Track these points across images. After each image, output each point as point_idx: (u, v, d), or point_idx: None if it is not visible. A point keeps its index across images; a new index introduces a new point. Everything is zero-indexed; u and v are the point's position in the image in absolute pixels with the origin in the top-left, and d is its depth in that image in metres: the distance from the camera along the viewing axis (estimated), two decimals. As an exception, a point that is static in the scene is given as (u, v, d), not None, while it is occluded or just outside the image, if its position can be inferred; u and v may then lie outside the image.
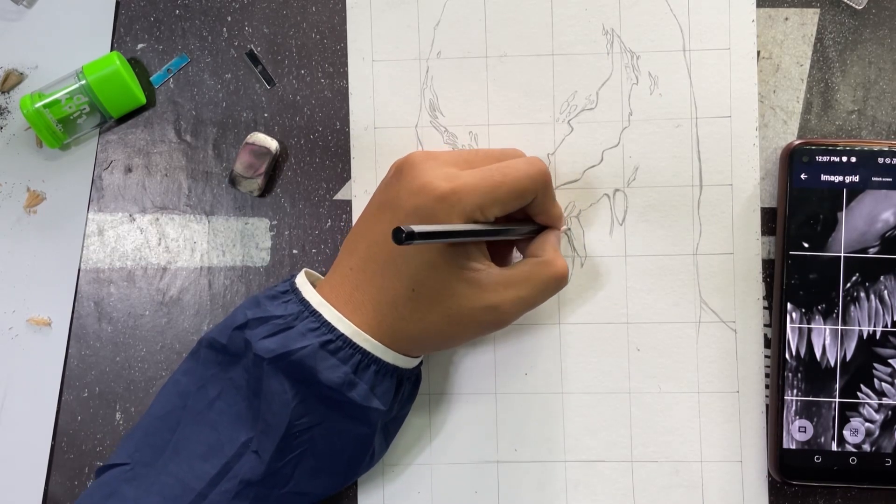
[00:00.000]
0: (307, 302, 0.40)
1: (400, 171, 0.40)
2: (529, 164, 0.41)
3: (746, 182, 0.47)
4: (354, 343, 0.39)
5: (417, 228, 0.35)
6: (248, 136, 0.48)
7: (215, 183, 0.49)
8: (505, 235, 0.42)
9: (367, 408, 0.40)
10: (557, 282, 0.42)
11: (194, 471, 0.39)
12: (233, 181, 0.48)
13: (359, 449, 0.42)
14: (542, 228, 0.44)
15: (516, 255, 0.46)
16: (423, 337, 0.40)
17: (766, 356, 0.46)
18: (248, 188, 0.48)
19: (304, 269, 0.42)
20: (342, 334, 0.39)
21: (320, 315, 0.39)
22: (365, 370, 0.39)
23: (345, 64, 0.48)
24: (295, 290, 0.41)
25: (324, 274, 0.44)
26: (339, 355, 0.39)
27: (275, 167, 0.48)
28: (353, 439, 0.41)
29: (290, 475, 0.40)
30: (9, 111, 0.50)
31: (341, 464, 0.42)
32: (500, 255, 0.45)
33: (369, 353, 0.39)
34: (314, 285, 0.41)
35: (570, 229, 0.47)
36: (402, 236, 0.34)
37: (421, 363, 0.44)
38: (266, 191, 0.48)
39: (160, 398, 0.42)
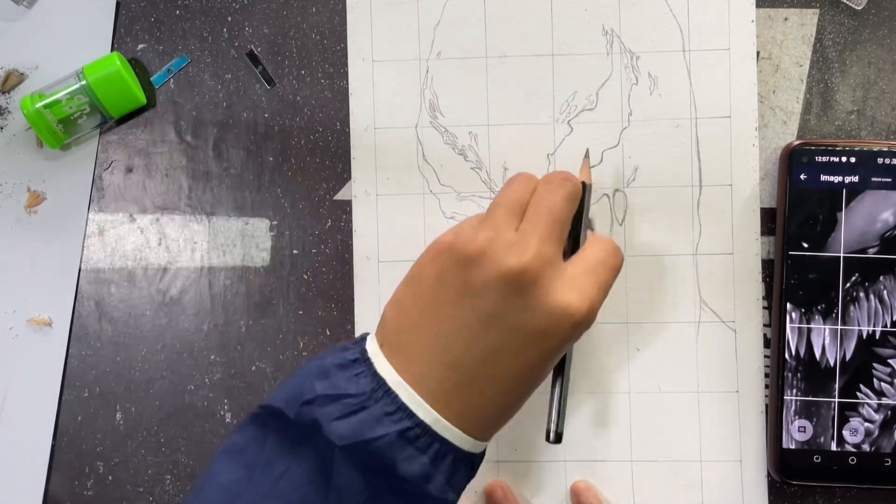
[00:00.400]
0: (381, 379, 0.37)
1: (520, 288, 0.37)
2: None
3: (746, 182, 0.47)
4: (434, 431, 0.36)
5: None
6: None
7: (215, 183, 0.49)
8: None
9: (442, 500, 0.37)
10: (611, 254, 0.40)
11: None
12: None
13: None
14: None
15: None
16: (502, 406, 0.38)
17: (765, 356, 0.46)
18: None
19: (370, 334, 0.39)
20: (421, 421, 0.36)
21: (396, 396, 0.36)
22: (443, 460, 0.36)
23: (345, 64, 0.48)
24: (367, 361, 0.37)
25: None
26: (418, 444, 0.36)
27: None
28: None
29: None
30: (9, 111, 0.50)
31: None
32: None
33: (448, 441, 0.36)
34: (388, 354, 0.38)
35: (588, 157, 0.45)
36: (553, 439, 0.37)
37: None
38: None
39: (223, 463, 0.39)
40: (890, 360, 0.44)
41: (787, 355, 0.45)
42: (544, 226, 0.38)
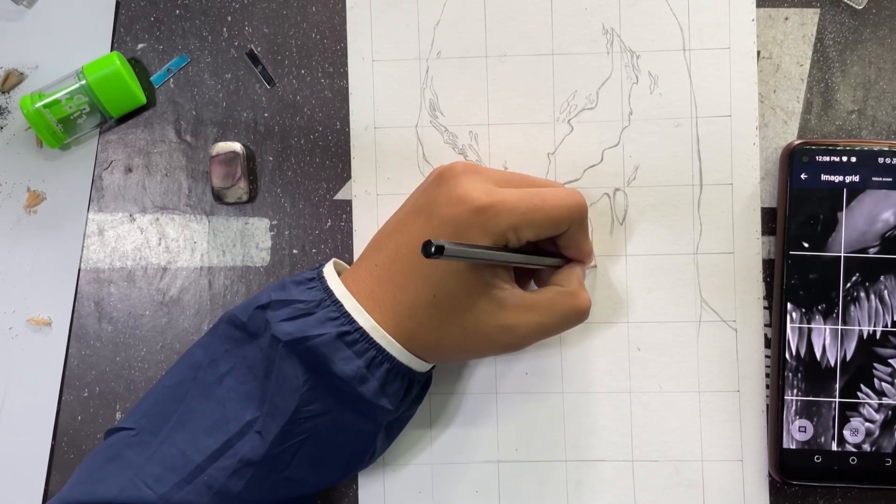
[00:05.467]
0: (330, 290, 0.40)
1: (440, 178, 0.40)
2: (569, 195, 0.41)
3: (746, 182, 0.47)
4: (371, 338, 0.39)
5: (448, 244, 0.34)
6: (210, 150, 0.48)
7: (215, 183, 0.49)
8: (534, 263, 0.42)
9: (375, 405, 0.40)
10: (579, 315, 0.42)
11: (196, 444, 0.40)
12: (218, 197, 0.48)
13: (361, 445, 0.42)
14: (566, 263, 0.44)
15: (532, 286, 0.46)
16: (436, 345, 0.40)
17: (766, 356, 0.46)
18: (234, 197, 0.48)
19: (332, 259, 0.42)
20: (360, 327, 0.39)
21: (341, 305, 0.40)
22: (378, 367, 0.39)
23: (345, 64, 0.48)
24: (321, 278, 0.41)
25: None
26: (355, 348, 0.39)
27: (253, 170, 0.48)
28: (356, 434, 0.41)
29: (290, 461, 0.40)
30: (9, 111, 0.50)
31: (341, 458, 0.42)
32: (522, 281, 0.44)
33: (384, 350, 0.39)
34: (340, 275, 0.42)
35: (595, 266, 0.47)
36: (430, 250, 0.34)
37: (433, 367, 0.44)
38: (254, 194, 0.48)
39: (174, 368, 0.43)
40: (890, 360, 0.44)
41: (787, 355, 0.45)
42: (521, 195, 0.40)
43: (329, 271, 0.41)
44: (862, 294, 0.44)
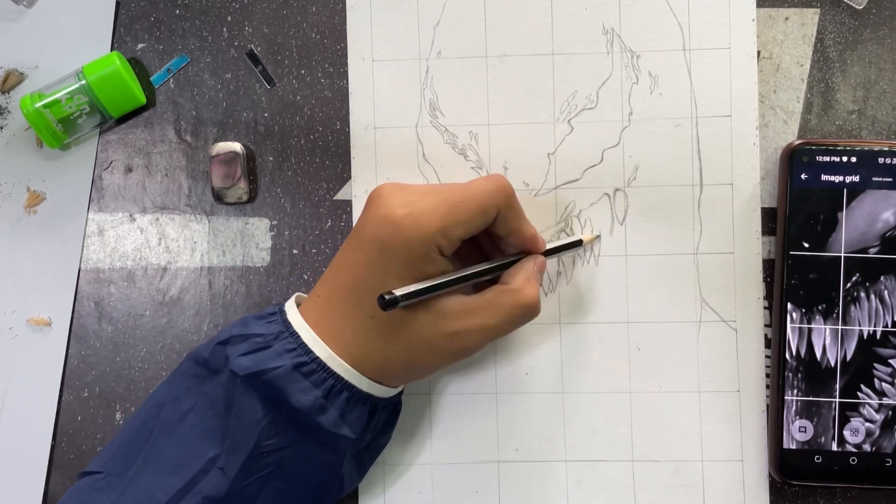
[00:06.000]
0: (288, 323, 0.40)
1: (369, 202, 0.41)
2: (488, 180, 0.41)
3: (747, 182, 0.47)
4: (328, 367, 0.39)
5: (400, 292, 0.35)
6: (210, 150, 0.48)
7: (215, 183, 0.49)
8: (487, 274, 0.41)
9: (336, 434, 0.39)
10: (524, 310, 0.41)
11: (161, 483, 0.39)
12: (218, 197, 0.48)
13: (326, 476, 0.41)
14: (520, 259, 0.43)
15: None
16: (387, 366, 0.40)
17: (766, 356, 0.46)
18: (234, 197, 0.48)
19: (296, 294, 0.42)
20: (317, 357, 0.39)
21: (298, 336, 0.40)
22: (336, 396, 0.39)
23: (345, 64, 0.48)
24: (281, 311, 0.41)
25: None
26: (312, 378, 0.39)
27: (253, 170, 0.48)
28: (320, 466, 0.41)
29: (256, 496, 0.40)
30: (9, 111, 0.50)
31: (308, 489, 0.41)
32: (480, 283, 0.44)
33: (342, 378, 0.39)
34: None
35: (599, 237, 0.47)
36: (384, 302, 0.34)
37: (401, 393, 0.43)
38: (254, 194, 0.48)
39: (141, 408, 0.43)
40: (891, 360, 0.44)
41: (787, 355, 0.45)
42: (440, 198, 0.40)
43: (290, 305, 0.41)
44: (862, 294, 0.44)
